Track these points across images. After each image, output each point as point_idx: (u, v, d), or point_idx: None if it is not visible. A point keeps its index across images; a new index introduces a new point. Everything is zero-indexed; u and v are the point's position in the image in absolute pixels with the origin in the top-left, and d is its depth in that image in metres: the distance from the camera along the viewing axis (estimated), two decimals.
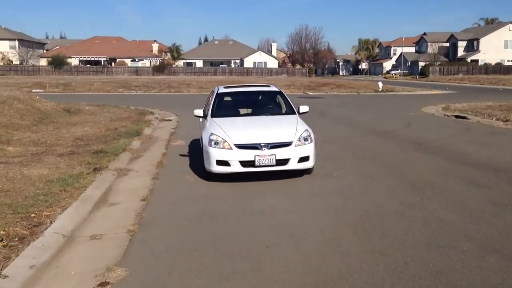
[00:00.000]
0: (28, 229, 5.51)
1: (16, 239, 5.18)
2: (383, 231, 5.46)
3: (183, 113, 19.65)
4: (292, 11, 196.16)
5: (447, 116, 19.92)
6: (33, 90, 33.42)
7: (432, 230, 5.43)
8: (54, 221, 5.75)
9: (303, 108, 9.24)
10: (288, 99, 9.65)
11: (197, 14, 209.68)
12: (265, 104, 9.84)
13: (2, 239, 5.07)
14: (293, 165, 7.75)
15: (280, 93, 9.94)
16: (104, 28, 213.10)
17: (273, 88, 10.26)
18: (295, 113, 9.04)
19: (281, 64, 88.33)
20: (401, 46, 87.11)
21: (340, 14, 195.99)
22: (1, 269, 4.36)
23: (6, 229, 5.36)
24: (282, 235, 5.39)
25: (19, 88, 31.87)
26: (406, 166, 9.18)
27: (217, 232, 5.58)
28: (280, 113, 9.35)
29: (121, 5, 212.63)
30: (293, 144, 7.75)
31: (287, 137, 7.82)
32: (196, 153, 10.13)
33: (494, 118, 18.03)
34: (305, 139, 7.94)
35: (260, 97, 10.22)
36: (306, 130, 8.14)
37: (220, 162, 7.72)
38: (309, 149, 7.90)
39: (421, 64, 79.36)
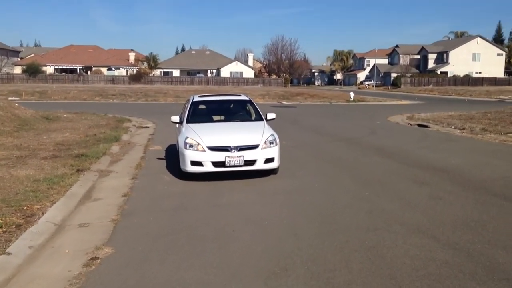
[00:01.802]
0: (23, 218, 6.26)
1: (14, 226, 5.93)
2: (332, 219, 6.41)
3: (160, 121, 20.44)
4: (268, 22, 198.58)
5: (410, 124, 21.16)
6: (9, 98, 33.54)
7: (373, 217, 6.41)
8: (45, 213, 6.51)
9: (270, 115, 10.21)
10: (257, 107, 10.60)
11: (174, 24, 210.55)
12: (236, 111, 10.77)
13: (2, 226, 5.82)
14: (259, 165, 8.67)
15: (250, 101, 10.88)
16: (80, 36, 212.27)
17: (243, 97, 11.20)
18: (263, 120, 9.99)
19: (258, 74, 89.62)
20: (374, 58, 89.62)
21: (316, 26, 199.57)
22: (5, 248, 5.13)
23: (3, 218, 6.09)
24: (246, 223, 6.29)
25: None
26: (363, 167, 10.20)
27: (190, 221, 6.43)
28: (250, 120, 10.28)
29: (97, 13, 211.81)
30: (259, 147, 8.68)
31: (254, 141, 8.75)
32: (172, 157, 10.96)
33: (453, 127, 19.34)
34: (271, 143, 8.88)
35: (231, 105, 11.14)
36: (272, 134, 9.09)
37: (194, 163, 8.59)
38: (274, 152, 8.84)
39: (394, 75, 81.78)
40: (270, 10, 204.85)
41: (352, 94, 41.86)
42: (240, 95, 11.66)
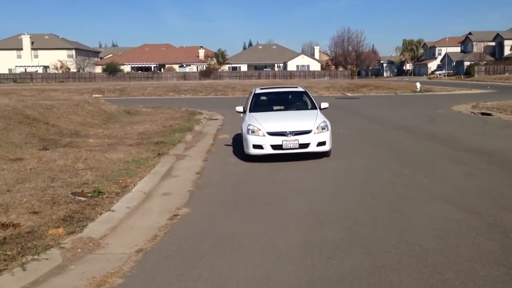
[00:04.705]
0: (120, 189, 7.91)
1: (113, 194, 7.58)
2: (371, 191, 7.51)
3: (228, 113, 22.04)
4: (334, 14, 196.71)
5: (474, 113, 21.18)
6: (94, 95, 36.80)
7: (407, 189, 7.45)
8: (136, 185, 8.13)
9: (324, 105, 11.38)
10: (312, 98, 11.81)
11: (241, 20, 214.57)
12: (293, 101, 12.05)
13: (105, 193, 7.49)
14: (312, 148, 9.89)
15: (305, 93, 12.11)
16: (153, 35, 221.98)
17: (300, 89, 12.47)
18: (316, 109, 11.19)
19: (324, 67, 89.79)
20: (446, 46, 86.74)
21: (384, 15, 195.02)
22: (109, 207, 6.75)
23: (105, 188, 7.76)
24: (297, 193, 7.56)
25: (81, 94, 35.34)
26: (411, 151, 11.09)
27: (251, 192, 7.80)
28: (305, 109, 11.50)
29: (168, 13, 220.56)
30: (312, 132, 9.90)
31: (308, 126, 9.98)
32: (238, 144, 12.39)
33: None
34: (323, 128, 10.06)
35: (289, 96, 12.42)
36: (324, 121, 10.27)
37: (255, 146, 9.98)
38: (325, 136, 10.01)
39: (467, 63, 78.87)
40: (336, 2, 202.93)
41: (418, 84, 41.39)
42: (297, 87, 12.90)
